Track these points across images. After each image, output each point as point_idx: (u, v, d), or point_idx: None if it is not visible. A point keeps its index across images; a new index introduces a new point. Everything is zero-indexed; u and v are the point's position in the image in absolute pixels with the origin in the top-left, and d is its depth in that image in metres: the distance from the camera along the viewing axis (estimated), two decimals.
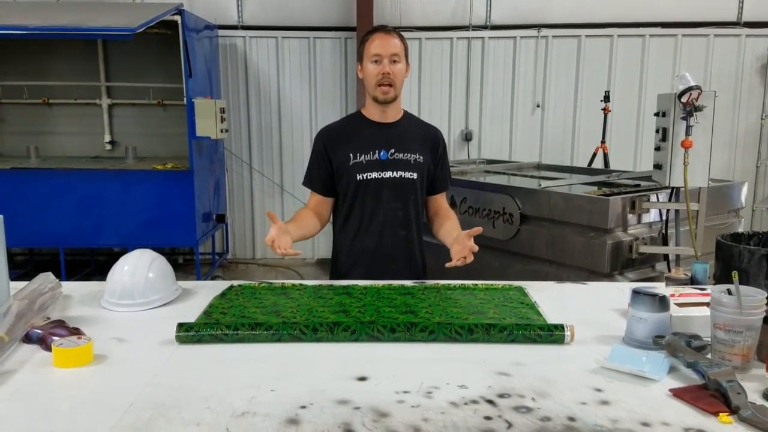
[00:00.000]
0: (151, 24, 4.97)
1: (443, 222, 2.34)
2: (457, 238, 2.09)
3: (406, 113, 2.38)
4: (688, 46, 6.39)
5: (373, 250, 2.30)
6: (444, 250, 2.17)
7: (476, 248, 2.03)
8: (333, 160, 2.29)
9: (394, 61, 2.19)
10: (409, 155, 2.29)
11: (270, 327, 1.61)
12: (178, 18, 5.24)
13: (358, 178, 2.26)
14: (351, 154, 2.27)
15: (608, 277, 3.40)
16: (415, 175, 2.29)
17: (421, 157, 2.31)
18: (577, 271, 3.49)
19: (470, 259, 2.04)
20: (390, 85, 2.21)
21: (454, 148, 6.71)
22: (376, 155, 2.26)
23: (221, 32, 6.46)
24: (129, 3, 6.32)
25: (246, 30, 6.57)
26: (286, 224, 2.10)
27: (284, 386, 1.35)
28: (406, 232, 2.32)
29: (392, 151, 2.27)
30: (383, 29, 2.24)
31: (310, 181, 2.37)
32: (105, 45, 6.32)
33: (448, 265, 2.06)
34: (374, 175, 2.25)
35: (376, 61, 2.19)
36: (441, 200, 2.44)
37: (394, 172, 2.27)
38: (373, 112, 2.31)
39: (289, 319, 1.71)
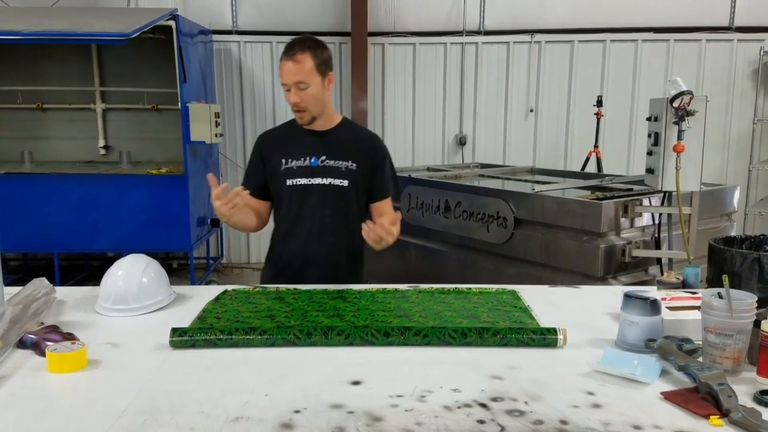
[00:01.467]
0: (146, 29, 4.97)
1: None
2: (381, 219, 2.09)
3: (344, 120, 2.39)
4: (680, 50, 6.43)
5: (299, 255, 2.30)
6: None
7: (393, 232, 2.04)
8: (267, 165, 2.32)
9: (301, 88, 2.16)
10: (340, 162, 2.28)
11: (264, 331, 1.62)
12: (172, 23, 5.24)
13: (287, 183, 2.27)
14: (283, 160, 2.29)
15: (601, 280, 3.41)
16: (346, 183, 2.28)
17: (354, 165, 2.29)
18: (571, 274, 3.50)
19: (380, 235, 2.02)
20: (303, 111, 2.21)
21: (449, 152, 6.73)
22: (307, 161, 2.28)
23: (216, 37, 6.47)
24: (123, 8, 6.33)
25: (241, 35, 6.58)
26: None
27: (278, 391, 1.35)
28: (335, 239, 2.31)
29: (323, 158, 2.28)
30: (289, 53, 2.15)
31: (247, 184, 2.34)
32: (99, 50, 6.31)
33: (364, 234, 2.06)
34: (303, 181, 2.27)
35: (287, 90, 2.19)
36: (383, 207, 2.38)
37: (324, 179, 2.27)
38: None
39: (283, 324, 1.72)
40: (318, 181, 2.27)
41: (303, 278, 2.22)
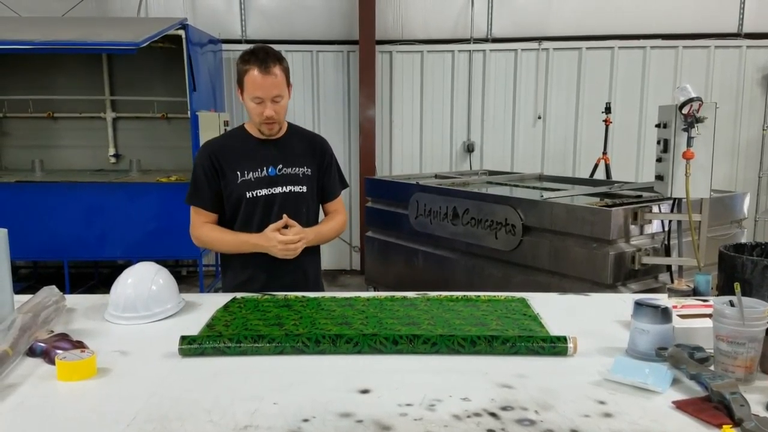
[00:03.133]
0: (156, 38, 5.01)
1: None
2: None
3: (290, 125, 2.38)
4: (688, 57, 6.41)
5: (266, 265, 2.26)
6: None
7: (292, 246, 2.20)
8: (221, 178, 2.27)
9: (276, 101, 2.17)
10: (297, 169, 2.30)
11: (272, 339, 1.62)
12: (182, 32, 5.29)
13: (247, 195, 2.25)
14: (239, 172, 2.25)
15: (611, 288, 3.39)
16: (305, 189, 2.30)
17: (309, 170, 2.32)
18: (580, 282, 3.49)
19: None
20: (274, 122, 2.22)
21: (456, 159, 6.73)
22: (265, 172, 2.27)
23: (225, 46, 6.52)
24: (133, 18, 6.39)
25: (250, 44, 6.56)
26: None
27: (287, 399, 1.35)
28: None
29: (280, 166, 2.28)
30: (262, 65, 2.12)
31: (199, 199, 2.29)
32: (109, 59, 6.38)
33: None
34: (264, 191, 2.26)
35: (258, 103, 2.16)
36: (330, 207, 2.46)
37: (284, 188, 2.27)
38: (257, 131, 2.29)
39: (291, 332, 1.72)
40: (279, 190, 2.27)
41: (271, 287, 2.21)
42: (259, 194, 2.26)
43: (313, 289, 2.31)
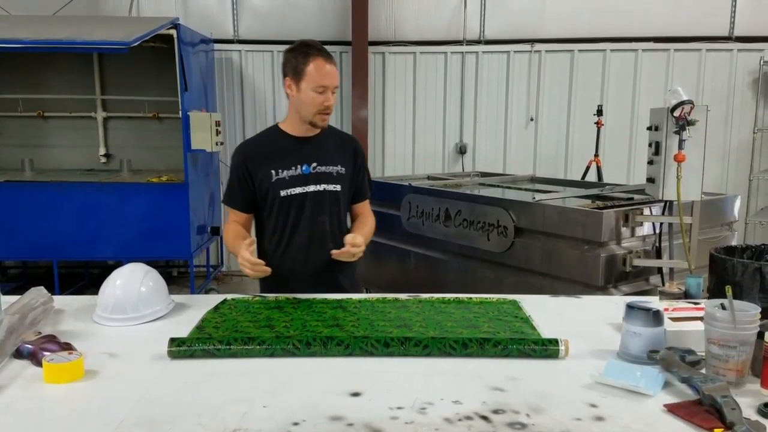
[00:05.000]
0: (147, 38, 4.98)
1: (354, 225, 2.41)
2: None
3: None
4: (680, 60, 6.44)
5: (302, 264, 2.27)
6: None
7: (356, 251, 2.15)
8: (254, 178, 2.27)
9: (333, 92, 2.23)
10: (331, 168, 2.30)
11: (263, 341, 1.60)
12: (173, 32, 5.26)
13: (282, 194, 2.25)
14: (273, 171, 2.25)
15: (602, 290, 3.39)
16: (338, 187, 2.30)
17: (343, 169, 2.33)
18: (572, 284, 3.49)
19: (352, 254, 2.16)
20: (328, 114, 2.25)
21: (449, 161, 6.73)
22: (299, 170, 2.26)
23: (217, 46, 6.49)
24: (125, 17, 6.35)
25: (242, 44, 6.59)
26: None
27: (277, 402, 1.34)
28: (334, 244, 2.26)
29: (314, 164, 2.28)
30: (325, 55, 2.19)
31: (231, 200, 2.34)
32: (100, 58, 6.34)
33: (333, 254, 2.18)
34: (298, 190, 2.26)
35: (321, 92, 2.18)
36: (360, 208, 2.47)
37: (318, 186, 2.27)
38: (296, 128, 2.29)
39: (282, 334, 1.71)
40: (312, 188, 2.27)
41: (307, 287, 2.20)
42: (293, 193, 2.26)
43: (353, 288, 2.35)
